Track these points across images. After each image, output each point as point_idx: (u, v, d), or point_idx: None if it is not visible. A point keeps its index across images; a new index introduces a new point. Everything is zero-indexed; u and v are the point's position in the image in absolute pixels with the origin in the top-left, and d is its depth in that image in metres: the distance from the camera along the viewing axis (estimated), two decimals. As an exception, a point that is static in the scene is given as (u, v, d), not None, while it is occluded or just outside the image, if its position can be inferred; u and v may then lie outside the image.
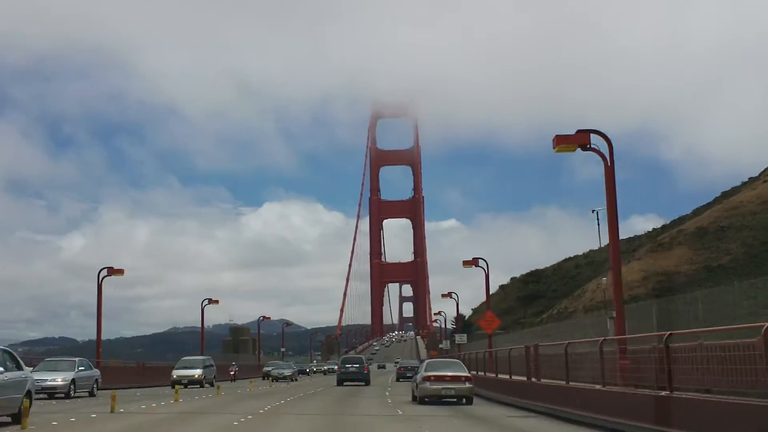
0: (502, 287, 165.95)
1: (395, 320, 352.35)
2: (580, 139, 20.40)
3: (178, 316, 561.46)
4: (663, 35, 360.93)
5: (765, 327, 11.06)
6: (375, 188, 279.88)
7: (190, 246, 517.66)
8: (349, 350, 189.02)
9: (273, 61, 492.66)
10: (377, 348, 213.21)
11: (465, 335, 65.00)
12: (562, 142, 20.54)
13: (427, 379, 27.60)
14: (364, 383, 46.26)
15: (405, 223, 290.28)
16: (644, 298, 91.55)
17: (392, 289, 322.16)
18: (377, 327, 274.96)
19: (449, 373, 27.72)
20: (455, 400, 27.75)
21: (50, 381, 32.19)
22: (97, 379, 36.18)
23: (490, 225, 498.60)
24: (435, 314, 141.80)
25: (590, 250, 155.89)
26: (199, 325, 74.43)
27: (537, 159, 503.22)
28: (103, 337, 52.66)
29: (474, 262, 49.85)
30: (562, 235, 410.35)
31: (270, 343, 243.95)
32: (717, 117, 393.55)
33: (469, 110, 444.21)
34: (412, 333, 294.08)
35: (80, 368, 34.61)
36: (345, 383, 46.32)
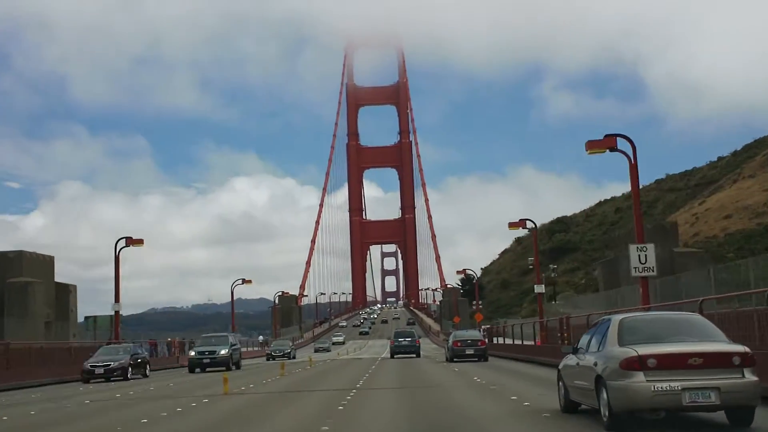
0: (518, 240, 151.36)
1: (378, 296, 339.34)
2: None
3: (150, 296, 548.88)
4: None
5: None
6: (353, 132, 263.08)
7: (149, 221, 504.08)
8: (322, 321, 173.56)
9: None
10: (341, 327, 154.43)
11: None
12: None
13: (634, 364, 12.19)
14: (415, 355, 52.93)
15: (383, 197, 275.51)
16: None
17: (373, 264, 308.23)
18: (359, 297, 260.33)
19: (697, 348, 12.36)
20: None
21: None
22: None
23: (459, 186, 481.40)
24: (439, 289, 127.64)
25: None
26: (178, 305, 68.35)
27: (504, 89, 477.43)
28: (78, 319, 55.51)
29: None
30: (540, 195, 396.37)
31: (247, 322, 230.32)
32: (709, 35, 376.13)
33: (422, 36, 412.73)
34: (401, 303, 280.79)
35: None
36: (396, 356, 52.53)
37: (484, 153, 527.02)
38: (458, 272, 76.84)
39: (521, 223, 50.97)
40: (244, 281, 76.79)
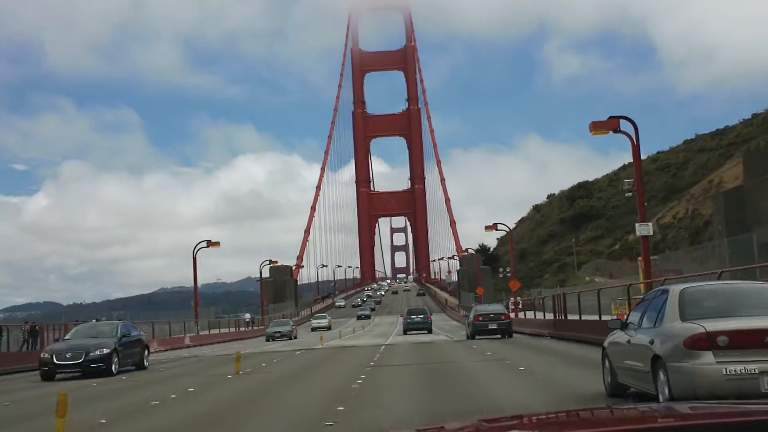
0: (536, 208, 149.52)
1: (388, 272, 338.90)
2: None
3: (160, 276, 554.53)
4: None
5: None
6: (359, 100, 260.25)
7: (157, 201, 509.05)
8: (324, 297, 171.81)
9: None
10: (338, 308, 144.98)
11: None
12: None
13: (701, 342, 10.67)
14: (426, 331, 55.59)
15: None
16: None
17: (382, 240, 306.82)
18: (368, 272, 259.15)
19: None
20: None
21: None
22: None
23: (465, 158, 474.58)
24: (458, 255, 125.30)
25: (658, 153, 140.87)
26: (187, 285, 65.21)
27: (509, 53, 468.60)
28: (88, 300, 48.72)
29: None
30: (549, 165, 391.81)
31: (258, 300, 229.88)
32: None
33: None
34: (411, 278, 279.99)
35: None
36: (409, 332, 55.16)
37: (489, 123, 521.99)
38: (487, 228, 72.77)
39: (612, 122, 31.95)
40: (209, 243, 70.82)
